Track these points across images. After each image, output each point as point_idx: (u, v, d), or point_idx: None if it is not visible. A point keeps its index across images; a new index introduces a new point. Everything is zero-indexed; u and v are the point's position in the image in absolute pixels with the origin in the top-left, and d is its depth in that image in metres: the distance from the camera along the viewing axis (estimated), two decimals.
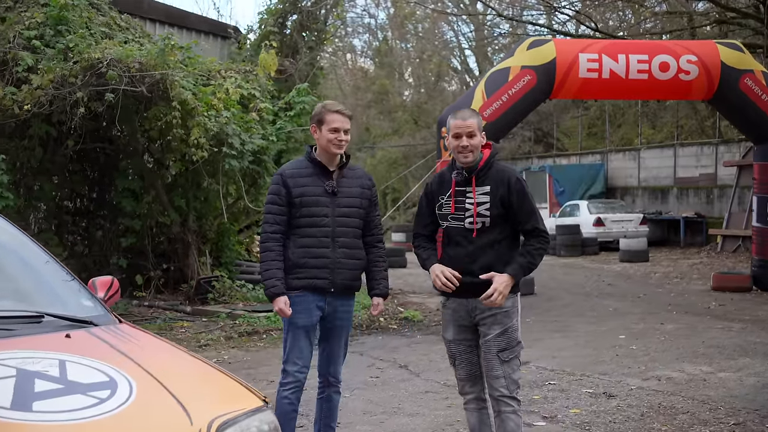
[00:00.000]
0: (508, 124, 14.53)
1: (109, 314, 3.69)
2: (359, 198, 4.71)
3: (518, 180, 4.46)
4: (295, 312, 4.57)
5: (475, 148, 4.42)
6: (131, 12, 15.73)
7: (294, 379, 4.66)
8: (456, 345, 4.60)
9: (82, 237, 12.71)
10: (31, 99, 9.76)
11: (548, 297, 14.30)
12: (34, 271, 3.83)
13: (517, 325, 4.51)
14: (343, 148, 4.65)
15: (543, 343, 9.60)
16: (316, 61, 16.64)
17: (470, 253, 4.45)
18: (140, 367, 3.06)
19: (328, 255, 4.57)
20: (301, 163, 4.71)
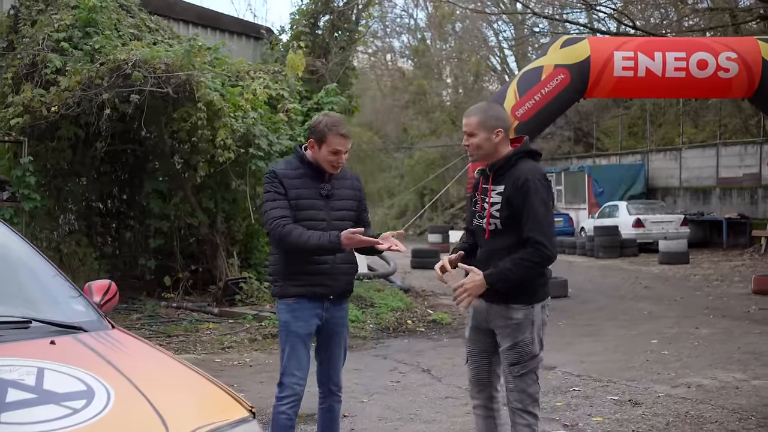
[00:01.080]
0: (540, 124, 14.31)
1: (101, 320, 3.61)
2: (352, 200, 4.57)
3: (528, 180, 4.09)
4: (294, 320, 4.39)
5: (477, 147, 4.21)
6: (164, 14, 15.82)
7: (292, 392, 4.40)
8: (471, 345, 4.44)
9: (113, 238, 12.78)
10: (58, 101, 9.80)
11: (582, 300, 14.04)
12: (26, 274, 3.77)
13: (532, 337, 4.17)
14: (338, 169, 4.46)
15: (572, 347, 9.40)
16: (347, 61, 16.52)
17: (484, 254, 4.28)
18: (123, 376, 2.97)
19: (326, 261, 4.39)
20: (291, 164, 4.49)
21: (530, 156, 4.27)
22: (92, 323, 3.51)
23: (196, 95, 10.12)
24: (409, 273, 18.67)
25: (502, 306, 4.20)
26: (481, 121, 4.21)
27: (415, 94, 37.59)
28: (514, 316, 4.15)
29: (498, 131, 4.21)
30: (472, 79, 39.23)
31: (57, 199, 11.54)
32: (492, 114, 4.27)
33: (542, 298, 4.24)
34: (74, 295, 3.72)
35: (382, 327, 10.71)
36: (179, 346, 9.15)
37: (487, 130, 4.21)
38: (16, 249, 3.83)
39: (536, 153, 4.32)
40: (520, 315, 4.15)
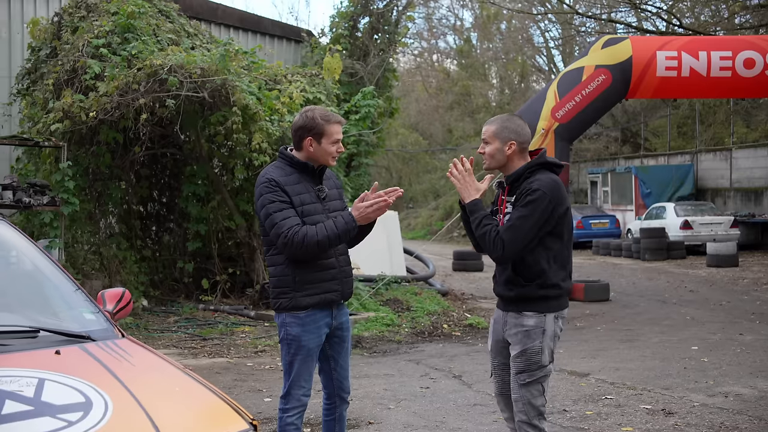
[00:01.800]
0: (581, 125, 14.14)
1: (111, 328, 3.63)
2: (339, 199, 4.49)
3: (533, 190, 4.05)
4: (305, 333, 4.25)
5: (489, 155, 4.22)
6: (206, 18, 16.01)
7: (299, 403, 4.30)
8: (492, 358, 4.43)
9: (153, 241, 12.92)
10: (97, 106, 9.93)
11: (623, 304, 13.81)
12: (39, 282, 3.80)
13: (542, 346, 4.13)
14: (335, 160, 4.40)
15: (608, 353, 9.24)
16: (388, 64, 16.50)
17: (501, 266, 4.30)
18: (124, 387, 2.98)
19: (334, 265, 4.30)
20: (283, 169, 4.29)
21: (548, 168, 4.23)
22: (101, 332, 3.53)
23: (231, 99, 10.17)
24: (450, 276, 18.58)
25: (515, 313, 4.23)
26: (497, 131, 4.23)
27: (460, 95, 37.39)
28: (525, 322, 4.17)
29: (510, 143, 4.21)
30: (517, 80, 38.93)
31: (97, 202, 11.71)
32: (508, 126, 4.26)
33: (556, 308, 4.21)
34: (86, 303, 3.74)
35: (417, 331, 10.66)
36: (213, 350, 9.21)
37: (501, 140, 4.23)
38: (29, 257, 3.87)
39: (555, 165, 4.26)
40: (531, 322, 4.16)
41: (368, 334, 10.19)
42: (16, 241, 3.89)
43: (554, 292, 4.19)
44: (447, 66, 43.33)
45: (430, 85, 41.79)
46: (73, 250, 10.83)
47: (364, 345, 9.64)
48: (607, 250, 25.46)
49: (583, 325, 11.56)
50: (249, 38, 16.40)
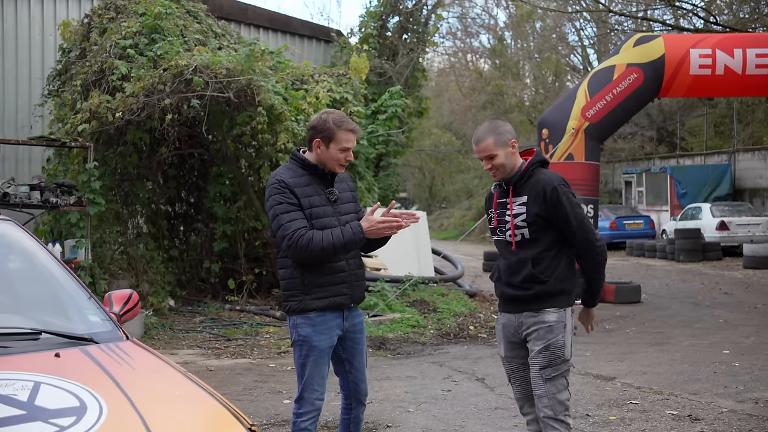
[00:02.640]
0: (612, 125, 13.93)
1: (116, 330, 3.60)
2: (352, 202, 4.44)
3: (555, 188, 4.17)
4: (316, 334, 4.20)
5: (500, 166, 4.24)
6: (236, 19, 16.07)
7: (313, 407, 4.26)
8: (509, 362, 4.41)
9: (180, 241, 12.97)
10: (123, 106, 9.97)
11: (655, 306, 13.59)
12: (45, 284, 3.78)
13: (564, 341, 4.19)
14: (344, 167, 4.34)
15: (635, 357, 9.07)
16: (417, 63, 16.41)
17: (512, 265, 4.28)
18: (121, 391, 2.94)
19: (344, 268, 4.25)
20: (294, 171, 4.26)
21: (544, 165, 4.34)
22: (105, 335, 3.50)
23: (256, 99, 10.16)
24: (480, 276, 18.42)
25: (532, 312, 4.23)
26: (496, 141, 4.25)
27: (493, 94, 37.17)
28: (546, 318, 4.19)
29: (513, 142, 4.28)
30: (551, 79, 38.61)
31: (125, 203, 11.77)
32: (500, 129, 4.30)
33: (571, 303, 4.29)
34: (91, 305, 3.71)
35: (443, 333, 10.56)
36: (236, 350, 9.20)
37: (503, 147, 4.26)
38: (36, 258, 3.85)
39: (546, 162, 4.38)
40: (553, 317, 4.19)
41: (393, 335, 10.12)
42: (23, 241, 3.88)
43: (570, 286, 4.26)
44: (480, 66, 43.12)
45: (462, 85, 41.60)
46: (100, 250, 10.89)
47: (388, 347, 9.57)
48: (641, 251, 25.13)
49: (612, 327, 11.38)
50: (278, 38, 16.43)
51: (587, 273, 4.27)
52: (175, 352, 9.07)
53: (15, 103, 13.99)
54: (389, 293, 11.67)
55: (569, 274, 4.23)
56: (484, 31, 43.06)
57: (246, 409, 6.63)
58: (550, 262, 4.19)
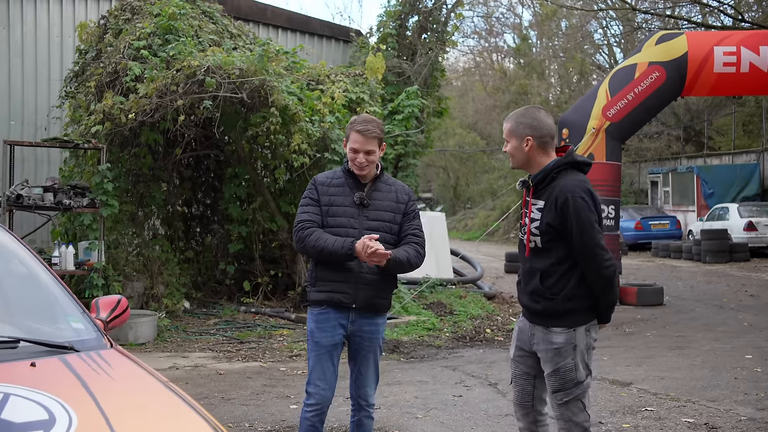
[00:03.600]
0: (633, 124, 13.71)
1: (100, 338, 3.49)
2: (392, 212, 4.40)
3: (568, 199, 3.84)
4: (318, 330, 4.37)
5: (510, 155, 4.07)
6: (255, 19, 16.02)
7: (315, 401, 4.36)
8: (515, 366, 4.22)
9: (196, 243, 12.92)
10: (136, 108, 9.93)
11: (677, 308, 13.33)
12: (28, 290, 3.69)
13: (575, 363, 3.93)
14: (364, 170, 4.39)
15: (654, 361, 8.87)
16: (436, 63, 16.25)
17: (526, 273, 4.08)
18: (94, 402, 2.83)
19: (352, 269, 4.31)
20: (335, 173, 4.54)
21: (576, 167, 4.00)
22: (87, 342, 3.39)
23: (269, 100, 10.07)
24: (501, 278, 18.25)
25: (542, 328, 4.01)
26: (512, 128, 4.04)
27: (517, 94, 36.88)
28: (554, 339, 3.95)
29: (527, 139, 3.99)
30: (576, 78, 38.24)
31: (139, 204, 11.73)
32: (523, 120, 4.02)
33: (585, 321, 3.99)
34: (76, 312, 3.61)
35: (459, 336, 10.41)
36: (248, 353, 9.11)
37: (517, 137, 4.03)
38: (19, 263, 3.76)
39: (583, 164, 4.03)
40: (560, 339, 3.93)
41: (407, 338, 9.99)
42: (9, 246, 3.78)
43: (582, 305, 3.96)
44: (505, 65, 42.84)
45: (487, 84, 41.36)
46: (115, 251, 10.86)
47: (401, 350, 9.44)
48: (667, 252, 24.80)
49: (633, 330, 11.17)
50: (297, 38, 16.35)
51: (594, 293, 3.95)
52: (186, 355, 9.00)
53: (34, 104, 14.02)
54: (405, 295, 11.54)
55: (580, 292, 3.93)
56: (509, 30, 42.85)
57: (251, 414, 6.54)
58: (560, 278, 3.93)
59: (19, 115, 13.97)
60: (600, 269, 3.88)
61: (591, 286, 3.93)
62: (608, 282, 3.92)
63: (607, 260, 3.89)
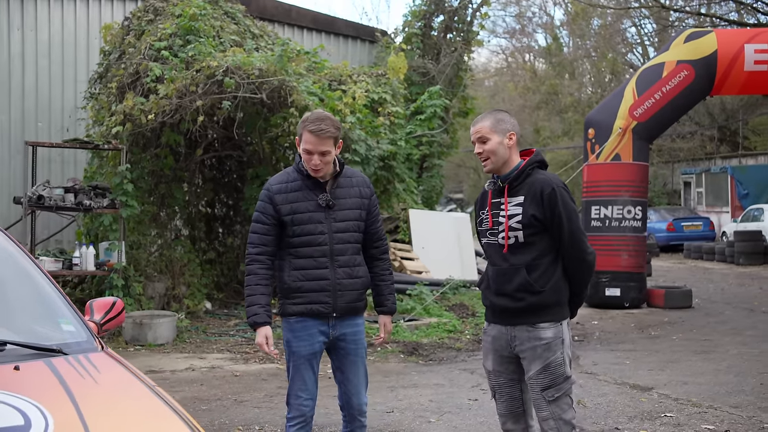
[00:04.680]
0: (661, 124, 13.48)
1: (91, 341, 3.43)
2: (358, 209, 4.25)
3: (553, 191, 3.88)
4: (296, 339, 4.17)
5: (491, 152, 3.98)
6: (280, 20, 16.02)
7: (299, 413, 4.18)
8: (496, 377, 4.13)
9: (219, 243, 12.91)
10: (156, 108, 9.94)
11: (706, 312, 13.08)
12: (19, 292, 3.64)
13: (563, 358, 3.92)
14: (320, 172, 4.12)
15: (678, 366, 8.68)
16: (462, 63, 16.13)
17: (504, 272, 3.98)
18: (74, 407, 2.78)
19: (327, 276, 4.13)
20: (288, 176, 4.22)
21: (541, 167, 4.04)
22: (77, 345, 3.34)
23: (289, 100, 10.03)
24: None
25: (527, 327, 3.95)
26: (493, 125, 4.01)
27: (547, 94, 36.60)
28: (543, 335, 3.91)
29: (511, 134, 4.02)
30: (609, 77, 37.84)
31: (161, 205, 11.75)
32: (502, 118, 4.07)
33: (567, 314, 4.03)
34: (68, 314, 3.57)
35: (480, 338, 10.28)
36: (265, 355, 9.05)
37: (500, 133, 4.00)
38: (15, 266, 3.72)
39: (546, 164, 4.10)
40: (549, 334, 3.91)
41: (427, 341, 9.89)
42: (2, 247, 3.75)
43: (566, 297, 4.00)
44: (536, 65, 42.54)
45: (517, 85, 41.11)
46: (136, 252, 10.88)
47: (420, 353, 9.34)
48: (699, 253, 24.43)
49: (658, 334, 10.96)
50: (322, 39, 16.31)
51: (573, 285, 4.00)
52: (204, 356, 8.98)
53: (61, 106, 14.13)
54: (427, 297, 11.44)
55: (564, 285, 3.97)
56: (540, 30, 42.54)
57: (263, 417, 6.49)
58: (545, 270, 3.92)
59: (46, 117, 14.09)
60: (584, 255, 3.95)
61: (572, 275, 3.98)
62: (589, 269, 4.00)
63: (589, 248, 3.99)
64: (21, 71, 14.07)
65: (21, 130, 13.89)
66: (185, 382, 7.78)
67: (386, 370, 8.43)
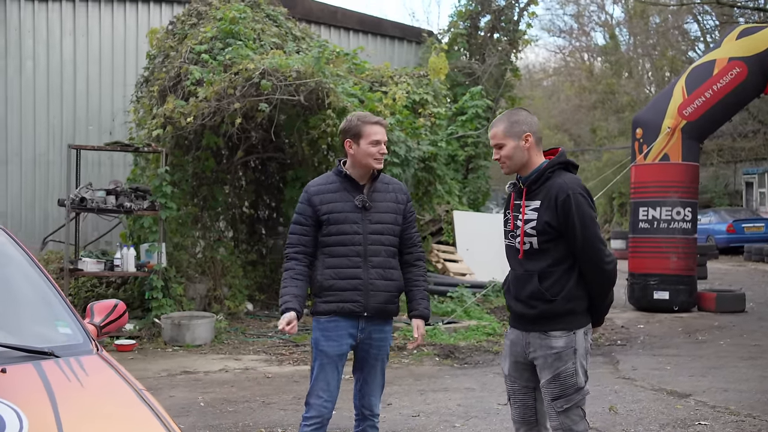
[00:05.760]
0: (712, 123, 13.12)
1: (87, 343, 3.44)
2: (393, 213, 4.32)
3: (569, 196, 3.73)
4: (325, 339, 4.23)
5: (507, 158, 3.88)
6: (326, 22, 16.09)
7: (317, 413, 4.23)
8: (512, 382, 4.04)
9: (262, 245, 12.98)
10: (195, 111, 10.03)
11: (759, 316, 12.67)
12: (18, 295, 3.67)
13: (575, 368, 3.79)
14: (382, 162, 4.32)
15: (721, 372, 8.41)
16: (508, 63, 15.95)
17: (519, 277, 3.90)
18: (53, 411, 2.77)
19: (360, 276, 4.19)
20: (328, 178, 4.39)
21: (566, 168, 3.89)
22: (71, 348, 3.35)
23: (326, 102, 10.03)
24: None
25: (539, 334, 3.85)
26: (507, 129, 3.88)
27: (604, 93, 36.00)
28: (553, 344, 3.80)
29: (527, 136, 3.87)
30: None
31: (203, 206, 11.85)
32: (517, 119, 3.91)
33: (584, 323, 3.87)
34: (66, 316, 3.58)
35: None
36: (300, 357, 9.05)
37: (514, 136, 3.88)
38: (17, 268, 3.75)
39: (573, 165, 3.92)
40: (560, 343, 3.79)
41: (464, 343, 9.78)
42: (5, 250, 3.79)
43: (581, 306, 3.84)
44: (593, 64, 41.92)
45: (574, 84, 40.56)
46: (178, 253, 11.00)
47: (456, 356, 9.24)
48: (760, 256, 23.76)
49: (705, 338, 10.66)
50: (368, 40, 16.33)
51: (593, 294, 3.85)
52: (239, 358, 9.03)
53: (111, 109, 14.40)
54: (468, 299, 11.32)
55: (580, 293, 3.82)
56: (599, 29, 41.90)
57: (287, 419, 6.48)
58: (558, 278, 3.79)
59: (96, 120, 14.38)
60: (601, 264, 3.78)
61: (590, 284, 3.82)
62: (609, 279, 3.83)
63: (608, 256, 3.81)
64: (73, 76, 14.39)
65: (72, 134, 14.21)
66: (217, 383, 7.82)
67: (419, 374, 8.35)
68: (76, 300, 10.52)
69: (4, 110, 14.04)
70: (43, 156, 14.15)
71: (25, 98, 14.19)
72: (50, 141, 14.16)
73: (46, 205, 13.92)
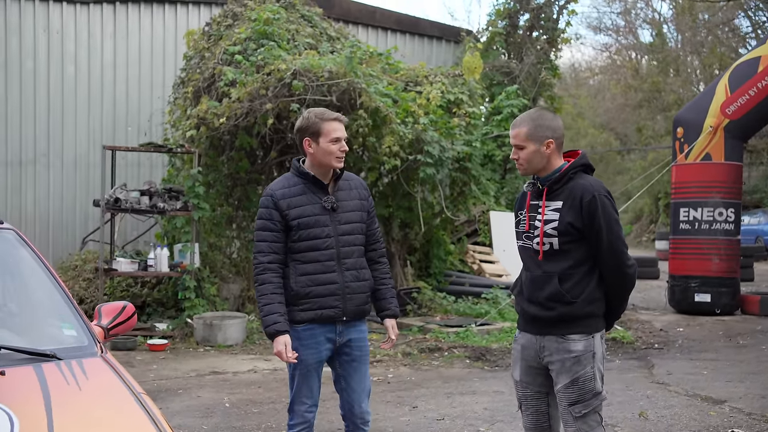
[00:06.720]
0: (756, 122, 12.83)
1: (92, 345, 3.43)
2: (359, 211, 4.20)
3: (595, 197, 3.65)
4: (303, 347, 4.07)
5: (525, 161, 3.79)
6: (364, 22, 16.04)
7: (302, 419, 4.16)
8: (523, 388, 3.95)
9: None
10: (228, 112, 10.06)
11: None
12: (24, 296, 3.69)
13: (594, 373, 3.70)
14: (343, 160, 4.15)
15: (759, 378, 8.18)
16: (547, 61, 15.75)
17: (536, 279, 3.80)
18: (46, 414, 2.77)
19: (335, 280, 4.06)
20: (289, 180, 4.17)
21: (587, 171, 3.83)
22: (74, 350, 3.35)
23: (358, 102, 9.99)
24: None
25: (557, 337, 3.75)
26: (530, 132, 3.78)
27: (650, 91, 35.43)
28: (572, 348, 3.71)
29: (549, 142, 3.77)
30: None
31: (237, 207, 11.89)
32: (542, 123, 3.80)
33: (602, 327, 3.80)
34: (73, 318, 3.59)
35: None
36: None
37: (536, 141, 3.78)
38: (25, 270, 3.77)
39: (591, 167, 3.85)
40: (579, 347, 3.71)
41: (497, 345, 9.66)
42: (15, 252, 3.81)
43: (600, 309, 3.78)
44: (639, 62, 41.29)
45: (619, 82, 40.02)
46: (211, 254, 11.05)
47: (487, 358, 9.13)
48: None
49: (747, 342, 10.39)
50: (406, 40, 16.25)
51: (611, 298, 3.78)
52: (269, 358, 9.03)
53: (150, 110, 14.51)
54: (502, 300, 11.19)
55: (600, 296, 3.75)
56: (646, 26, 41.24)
57: None
58: (579, 280, 3.71)
59: (135, 121, 14.51)
60: (623, 267, 3.72)
61: (610, 287, 3.76)
62: (629, 282, 3.77)
63: (630, 259, 3.75)
64: (113, 78, 14.53)
65: (112, 136, 14.36)
66: (244, 384, 7.82)
67: (448, 376, 8.26)
68: (111, 300, 10.63)
69: (47, 114, 14.24)
70: (84, 158, 14.31)
71: (66, 101, 14.38)
72: (90, 143, 14.31)
73: (86, 205, 14.08)
